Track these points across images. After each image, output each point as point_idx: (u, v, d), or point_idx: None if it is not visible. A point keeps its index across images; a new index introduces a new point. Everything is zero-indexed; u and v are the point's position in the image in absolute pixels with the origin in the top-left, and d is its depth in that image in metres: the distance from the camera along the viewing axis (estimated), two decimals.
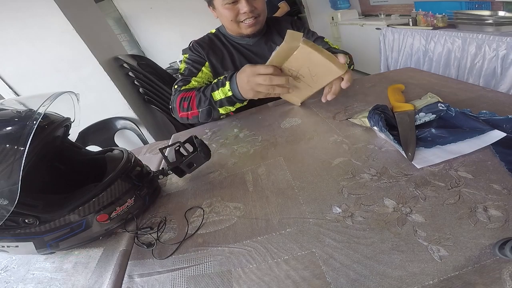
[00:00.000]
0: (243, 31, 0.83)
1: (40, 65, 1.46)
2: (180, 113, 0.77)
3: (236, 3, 0.76)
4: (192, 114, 0.75)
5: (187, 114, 0.76)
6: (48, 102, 0.42)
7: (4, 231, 0.41)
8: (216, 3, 0.79)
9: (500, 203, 0.34)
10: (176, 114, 0.79)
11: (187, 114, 0.76)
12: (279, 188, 0.48)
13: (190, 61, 0.86)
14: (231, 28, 0.85)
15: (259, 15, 0.81)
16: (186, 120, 0.78)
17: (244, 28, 0.82)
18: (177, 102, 0.77)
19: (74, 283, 0.41)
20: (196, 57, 0.86)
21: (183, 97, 0.76)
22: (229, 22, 0.81)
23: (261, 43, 0.90)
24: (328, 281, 0.32)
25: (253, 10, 0.78)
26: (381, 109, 0.53)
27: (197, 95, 0.73)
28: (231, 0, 0.75)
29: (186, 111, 0.75)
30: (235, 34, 0.87)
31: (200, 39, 0.91)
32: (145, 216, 0.51)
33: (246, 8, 0.76)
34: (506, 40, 1.55)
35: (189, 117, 0.76)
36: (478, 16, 1.81)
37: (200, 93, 0.73)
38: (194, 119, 0.76)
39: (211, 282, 0.35)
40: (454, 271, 0.29)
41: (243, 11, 0.77)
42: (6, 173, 0.35)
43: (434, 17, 2.15)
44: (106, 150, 0.57)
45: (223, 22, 0.86)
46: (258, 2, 0.79)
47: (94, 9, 1.80)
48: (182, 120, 0.79)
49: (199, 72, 0.84)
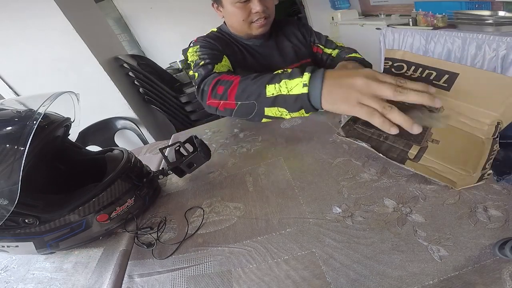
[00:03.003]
0: (253, 31, 0.80)
1: (40, 65, 1.46)
2: (210, 100, 0.59)
3: (248, 2, 0.72)
4: (225, 105, 0.57)
5: (218, 103, 0.58)
6: (48, 102, 0.42)
7: (4, 231, 0.41)
8: (225, 1, 0.75)
9: (500, 203, 0.34)
10: (204, 100, 0.62)
11: (218, 102, 0.58)
12: (279, 188, 0.47)
13: (206, 49, 0.73)
14: (240, 29, 0.81)
15: (270, 15, 0.78)
16: (214, 110, 0.60)
17: (255, 28, 0.79)
18: (211, 84, 0.59)
19: (74, 283, 0.41)
20: (213, 46, 0.75)
21: (221, 79, 0.58)
22: (239, 22, 0.78)
23: (267, 45, 0.87)
24: (328, 281, 0.31)
25: (265, 10, 0.75)
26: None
27: (242, 82, 0.54)
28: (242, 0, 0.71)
29: (219, 99, 0.57)
30: (242, 34, 0.83)
31: (207, 35, 0.84)
32: (145, 216, 0.51)
33: (258, 7, 0.72)
34: (506, 40, 1.55)
35: (220, 107, 0.58)
36: (478, 16, 1.81)
37: (248, 81, 0.53)
38: (226, 111, 0.58)
39: (211, 282, 0.35)
40: (454, 271, 0.29)
41: (255, 11, 0.73)
42: (6, 173, 0.35)
43: (434, 17, 2.14)
44: (106, 150, 0.57)
45: (231, 21, 0.81)
46: (269, 1, 0.76)
47: (94, 9, 1.80)
48: (209, 109, 0.63)
49: (222, 61, 0.70)
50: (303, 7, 3.99)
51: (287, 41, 0.88)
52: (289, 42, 0.88)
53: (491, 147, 0.42)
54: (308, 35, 0.91)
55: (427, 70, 0.54)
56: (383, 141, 0.49)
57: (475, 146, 0.45)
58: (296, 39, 0.90)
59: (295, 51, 0.88)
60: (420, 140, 0.48)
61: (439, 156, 0.44)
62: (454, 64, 0.51)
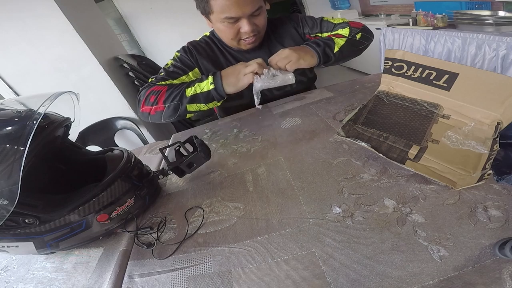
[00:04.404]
0: (243, 47, 0.79)
1: (40, 65, 1.46)
2: (143, 107, 0.71)
3: (236, 21, 0.70)
4: (156, 109, 0.70)
5: (150, 109, 0.70)
6: (48, 102, 0.42)
7: (4, 231, 0.41)
8: (213, 19, 0.72)
9: (500, 203, 0.34)
10: (139, 108, 0.73)
11: (150, 108, 0.70)
12: (279, 188, 0.47)
13: (178, 61, 0.81)
14: (230, 44, 0.81)
15: (260, 32, 0.77)
16: (147, 116, 0.72)
17: (243, 45, 0.78)
18: (145, 95, 0.72)
19: (74, 283, 0.41)
20: (186, 60, 0.81)
21: (153, 90, 0.71)
22: (228, 39, 0.77)
23: (259, 50, 0.85)
24: (328, 281, 0.32)
25: (254, 29, 0.73)
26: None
27: (168, 90, 0.70)
28: (231, 20, 0.69)
29: (150, 105, 0.70)
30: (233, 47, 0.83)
31: (196, 42, 0.86)
32: (145, 216, 0.51)
33: (247, 28, 0.71)
34: (506, 40, 1.55)
35: (152, 112, 0.70)
36: (478, 16, 1.81)
37: (172, 89, 0.70)
38: (157, 115, 0.71)
39: (211, 282, 0.35)
40: (454, 271, 0.29)
41: (243, 31, 0.72)
42: (6, 173, 0.35)
43: (434, 17, 2.14)
44: (106, 150, 0.57)
45: (221, 36, 0.81)
46: (260, 19, 0.73)
47: (94, 9, 1.80)
48: (142, 116, 0.74)
49: (183, 76, 0.79)
50: (303, 7, 3.99)
51: (280, 45, 0.85)
52: (282, 47, 0.84)
53: (491, 147, 0.42)
54: (300, 29, 0.88)
55: (427, 70, 0.54)
56: (383, 141, 0.49)
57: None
58: (290, 40, 0.87)
59: None
60: (420, 140, 0.48)
61: (439, 156, 0.44)
62: (454, 64, 0.51)
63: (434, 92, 0.53)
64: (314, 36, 0.87)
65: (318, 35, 0.87)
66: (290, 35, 0.87)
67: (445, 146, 0.46)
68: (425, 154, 0.45)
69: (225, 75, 0.68)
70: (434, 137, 0.48)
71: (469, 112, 0.49)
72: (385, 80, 0.61)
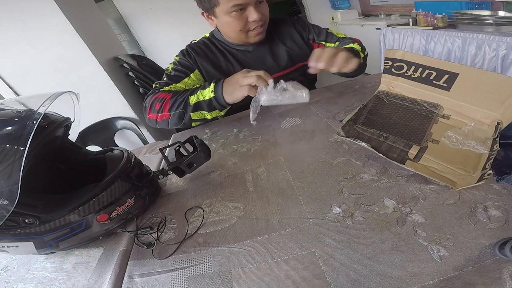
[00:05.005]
0: (251, 39, 0.79)
1: (40, 65, 1.46)
2: (150, 114, 0.73)
3: (243, 10, 0.71)
4: (162, 117, 0.71)
5: (156, 116, 0.71)
6: (48, 102, 0.42)
7: (4, 231, 0.41)
8: (219, 11, 0.73)
9: (500, 203, 0.34)
10: (146, 115, 0.74)
11: (156, 116, 0.71)
12: (279, 188, 0.47)
13: (179, 65, 0.82)
14: (237, 38, 0.80)
15: (266, 22, 0.77)
16: (154, 123, 0.73)
17: (252, 37, 0.78)
18: (150, 102, 0.73)
19: (74, 283, 0.41)
20: (186, 62, 0.82)
21: (158, 97, 0.72)
22: (236, 32, 0.77)
23: (260, 50, 0.85)
24: (328, 281, 0.32)
25: (262, 17, 0.73)
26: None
27: (173, 98, 0.70)
28: (239, 7, 0.70)
29: (156, 113, 0.71)
30: (239, 42, 0.82)
31: (195, 44, 0.86)
32: (145, 216, 0.51)
33: (255, 16, 0.71)
34: (506, 40, 1.55)
35: (159, 119, 0.71)
36: (478, 16, 1.81)
37: (176, 96, 0.70)
38: (163, 122, 0.72)
39: (211, 282, 0.35)
40: (454, 271, 0.29)
41: (252, 19, 0.72)
42: (6, 173, 0.35)
43: (434, 17, 2.15)
44: (106, 150, 0.57)
45: (226, 31, 0.80)
46: (264, 7, 0.75)
47: (94, 9, 1.79)
48: (150, 123, 0.74)
49: (185, 78, 0.80)
50: (303, 7, 3.99)
51: (281, 44, 0.86)
52: (283, 46, 0.86)
53: (491, 147, 0.42)
54: (306, 33, 0.88)
55: (427, 70, 0.54)
56: (383, 141, 0.49)
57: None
58: (292, 41, 0.87)
59: (290, 54, 0.86)
60: (420, 140, 0.48)
61: (439, 156, 0.44)
62: (454, 64, 0.51)
63: (434, 92, 0.53)
64: (319, 44, 0.88)
65: (322, 43, 0.88)
66: (290, 36, 0.87)
67: (445, 146, 0.46)
68: (425, 154, 0.45)
69: (226, 84, 0.65)
70: (434, 137, 0.48)
71: (469, 112, 0.49)
72: (385, 80, 0.61)
